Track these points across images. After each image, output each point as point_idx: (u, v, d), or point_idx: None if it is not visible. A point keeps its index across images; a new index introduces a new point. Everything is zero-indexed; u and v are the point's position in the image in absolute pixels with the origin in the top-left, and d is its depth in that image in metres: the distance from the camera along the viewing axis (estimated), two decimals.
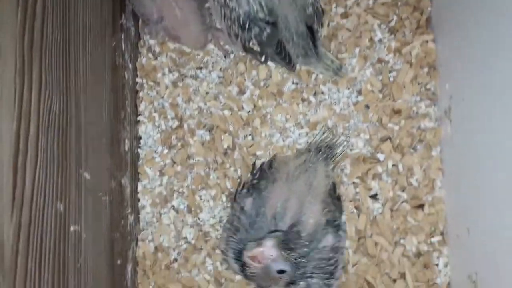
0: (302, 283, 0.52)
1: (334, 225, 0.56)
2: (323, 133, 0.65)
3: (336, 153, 0.62)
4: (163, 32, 0.67)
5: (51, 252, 0.42)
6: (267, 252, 0.48)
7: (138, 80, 0.69)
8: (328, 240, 0.54)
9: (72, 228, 0.46)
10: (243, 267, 0.52)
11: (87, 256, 0.50)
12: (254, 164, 0.65)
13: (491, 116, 0.51)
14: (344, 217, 0.60)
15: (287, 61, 0.59)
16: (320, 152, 0.61)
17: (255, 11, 0.54)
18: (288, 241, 0.49)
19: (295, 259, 0.49)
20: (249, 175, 0.62)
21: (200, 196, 0.68)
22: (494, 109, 0.51)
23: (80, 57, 0.49)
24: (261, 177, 0.59)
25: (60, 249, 0.44)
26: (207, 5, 0.65)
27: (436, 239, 0.63)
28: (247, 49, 0.59)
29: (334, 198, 0.59)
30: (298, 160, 0.61)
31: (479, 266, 0.54)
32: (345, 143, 0.64)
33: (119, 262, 0.60)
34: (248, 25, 0.55)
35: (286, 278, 0.51)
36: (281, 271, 0.50)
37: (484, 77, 0.53)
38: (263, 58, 0.60)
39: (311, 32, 0.59)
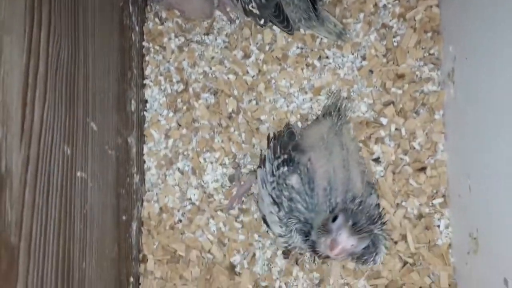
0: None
1: (370, 184, 0.56)
2: (333, 97, 0.64)
3: (346, 114, 0.62)
4: (168, 6, 0.68)
5: (58, 192, 0.43)
6: (347, 245, 0.46)
7: (144, 44, 0.70)
8: (373, 198, 0.54)
9: (78, 174, 0.47)
10: (313, 246, 0.50)
11: (93, 204, 0.51)
12: (268, 137, 0.62)
13: (494, 75, 0.52)
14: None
15: (285, 24, 0.59)
16: (339, 115, 0.61)
17: None
18: (356, 221, 0.46)
19: (368, 232, 0.47)
20: (267, 150, 0.59)
21: (205, 159, 0.69)
22: (497, 68, 0.51)
23: (88, 9, 0.50)
24: (290, 150, 0.56)
25: (67, 191, 0.45)
26: None
27: (437, 201, 0.63)
28: (247, 13, 0.60)
29: (362, 158, 0.59)
30: (326, 125, 0.59)
31: (480, 223, 0.55)
32: (349, 100, 0.65)
33: (124, 218, 0.61)
34: None
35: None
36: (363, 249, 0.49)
37: (487, 37, 0.53)
38: (262, 21, 0.60)
39: None
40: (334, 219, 0.47)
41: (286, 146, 0.57)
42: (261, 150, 0.64)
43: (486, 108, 0.53)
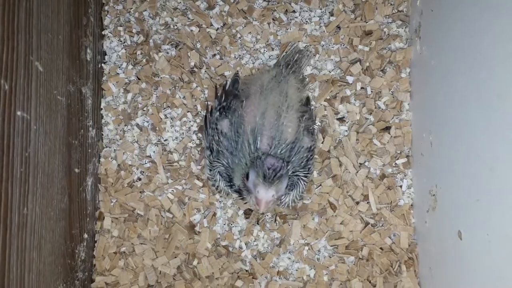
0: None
1: (309, 130, 0.57)
2: (291, 50, 0.63)
3: (301, 66, 0.62)
4: None
5: None
6: (268, 198, 0.49)
7: None
8: (305, 141, 0.56)
9: (19, 113, 0.44)
10: (238, 192, 0.54)
11: (37, 149, 0.48)
12: (216, 88, 0.64)
13: (458, 27, 0.50)
14: (316, 124, 0.62)
15: None
16: (289, 66, 0.60)
17: None
18: (264, 171, 0.49)
19: (280, 177, 0.49)
20: (215, 100, 0.60)
21: (165, 115, 0.66)
22: (460, 20, 0.50)
23: None
24: (229, 97, 0.58)
25: (4, 130, 0.42)
26: None
27: (401, 161, 0.63)
28: None
29: (308, 108, 0.59)
30: (270, 74, 0.60)
31: (439, 179, 0.54)
32: (309, 54, 0.63)
33: (77, 170, 0.58)
34: None
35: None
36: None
37: None
38: None
39: None
40: (247, 176, 0.50)
41: (229, 94, 0.58)
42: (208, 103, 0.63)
43: (450, 61, 0.52)
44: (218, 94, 0.61)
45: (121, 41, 0.67)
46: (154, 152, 0.65)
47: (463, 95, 0.49)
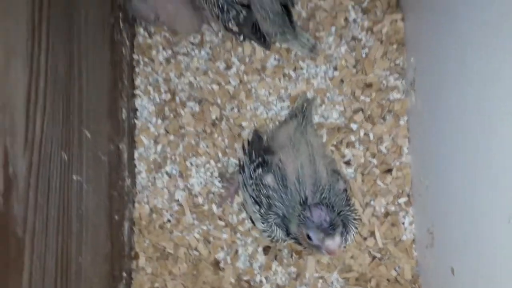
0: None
1: (337, 172, 0.62)
2: (299, 101, 0.71)
3: (312, 114, 0.69)
4: (162, 27, 0.74)
5: (56, 193, 0.49)
6: (339, 243, 0.52)
7: (134, 56, 0.76)
8: (340, 184, 0.60)
9: (74, 177, 0.53)
10: (295, 238, 0.57)
11: (88, 205, 0.56)
12: (243, 145, 0.69)
13: (449, 85, 0.58)
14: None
15: (262, 41, 0.66)
16: (304, 116, 0.67)
17: None
18: (327, 218, 0.52)
19: (339, 224, 0.53)
20: (244, 157, 0.65)
21: (191, 163, 0.74)
22: (451, 79, 0.57)
23: (81, 28, 0.56)
24: (261, 153, 0.62)
25: (64, 193, 0.51)
26: None
27: (402, 200, 0.70)
28: (227, 29, 0.66)
29: (327, 151, 0.66)
30: (292, 126, 0.66)
31: (435, 219, 0.61)
32: (316, 102, 0.72)
33: (116, 218, 0.66)
34: (226, 8, 0.62)
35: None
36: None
37: (442, 51, 0.60)
38: (241, 37, 0.68)
39: (287, 10, 0.65)
40: (309, 237, 0.52)
41: (259, 150, 0.63)
42: (239, 159, 0.70)
43: (442, 115, 0.60)
44: (247, 151, 0.65)
45: (150, 99, 0.76)
46: (181, 196, 0.73)
47: (453, 145, 0.56)
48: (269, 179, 0.60)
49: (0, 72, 0.40)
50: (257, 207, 0.60)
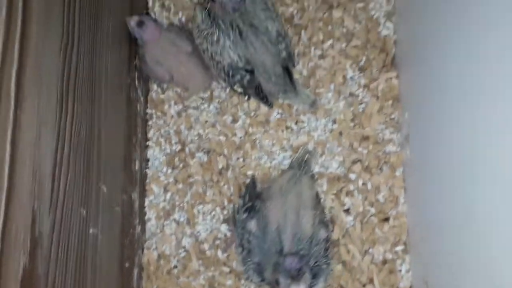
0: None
1: (324, 222, 0.67)
2: (301, 152, 0.76)
3: (310, 167, 0.74)
4: (175, 85, 0.80)
5: (75, 247, 0.53)
6: None
7: (148, 111, 0.82)
8: (322, 233, 0.65)
9: (91, 231, 0.57)
10: (270, 285, 0.62)
11: (102, 255, 0.60)
12: (240, 187, 0.76)
13: (442, 140, 0.62)
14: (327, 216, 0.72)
15: (265, 101, 0.73)
16: (301, 168, 0.72)
17: (236, 61, 0.68)
18: (298, 267, 0.58)
19: (304, 271, 0.59)
20: (239, 200, 0.72)
21: (198, 210, 0.78)
22: (443, 134, 0.62)
23: (102, 92, 0.62)
24: (253, 199, 0.68)
25: (82, 245, 0.55)
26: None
27: (399, 248, 0.73)
28: (233, 90, 0.73)
29: (319, 202, 0.70)
30: (286, 176, 0.71)
31: (429, 269, 0.64)
32: (316, 154, 0.76)
33: (127, 265, 0.70)
34: (232, 73, 0.69)
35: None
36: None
37: (434, 107, 0.64)
38: (246, 97, 0.74)
39: (288, 72, 0.71)
40: (277, 282, 0.58)
41: (251, 195, 0.68)
42: (233, 204, 0.75)
43: (435, 169, 0.64)
44: (242, 194, 0.72)
45: (162, 149, 0.81)
46: (188, 243, 0.77)
47: (445, 199, 0.60)
48: (252, 225, 0.65)
49: (33, 142, 0.45)
50: (240, 249, 0.65)
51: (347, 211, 0.76)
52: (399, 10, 0.77)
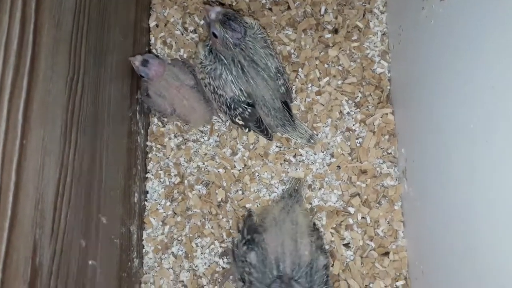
0: None
1: (321, 249, 0.68)
2: (291, 182, 0.77)
3: (302, 195, 0.75)
4: (176, 118, 0.82)
5: (74, 278, 0.52)
6: None
7: (148, 143, 0.83)
8: (321, 260, 0.65)
9: (90, 262, 0.57)
10: None
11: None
12: (238, 220, 0.76)
13: (438, 176, 0.63)
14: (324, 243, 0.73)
15: (265, 133, 0.75)
16: (292, 197, 0.73)
17: (238, 95, 0.70)
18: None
19: None
20: (238, 234, 0.72)
21: (196, 244, 0.78)
22: (439, 169, 0.63)
23: (104, 124, 0.63)
24: (251, 232, 0.69)
25: (81, 277, 0.54)
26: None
27: (400, 283, 0.72)
28: (234, 122, 0.75)
29: (315, 230, 0.71)
30: (279, 206, 0.72)
31: None
32: (305, 183, 0.78)
33: None
34: (234, 106, 0.71)
35: None
36: None
37: (429, 143, 0.66)
38: (246, 130, 0.76)
39: (287, 106, 0.73)
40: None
41: (249, 228, 0.69)
42: (232, 238, 0.75)
43: (432, 203, 0.65)
44: (240, 228, 0.72)
45: (161, 182, 0.81)
46: (186, 277, 0.76)
47: (444, 232, 0.60)
48: (252, 257, 0.65)
49: (37, 171, 0.46)
50: (241, 283, 0.65)
51: (347, 245, 0.75)
52: (393, 49, 0.81)
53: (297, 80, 0.82)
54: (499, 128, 0.46)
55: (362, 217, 0.76)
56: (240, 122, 0.73)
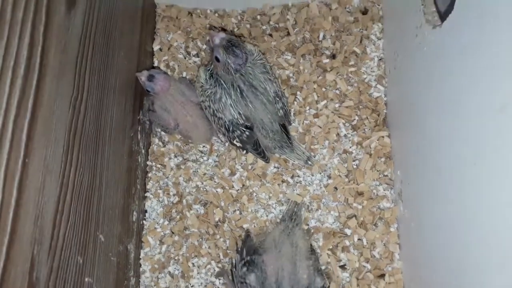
0: None
1: (318, 270, 0.69)
2: (291, 205, 0.78)
3: (301, 218, 0.76)
4: (179, 134, 0.84)
5: None
6: None
7: (148, 163, 0.84)
8: (318, 281, 0.67)
9: (86, 279, 0.57)
10: None
11: None
12: (236, 241, 0.77)
13: (433, 198, 0.64)
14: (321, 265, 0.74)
15: (262, 155, 0.77)
16: (292, 220, 0.74)
17: (236, 118, 0.72)
18: None
19: None
20: (236, 255, 0.73)
21: (193, 263, 0.78)
22: (434, 192, 0.64)
23: (106, 144, 0.65)
24: (250, 252, 0.70)
25: None
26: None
27: None
28: (232, 144, 0.77)
29: (313, 252, 0.71)
30: (279, 228, 0.73)
31: None
32: (304, 206, 0.79)
33: None
34: (232, 129, 0.73)
35: None
36: None
37: (424, 166, 0.67)
38: (244, 152, 0.77)
39: (285, 129, 0.75)
40: None
41: (248, 249, 0.70)
42: (230, 258, 0.76)
43: (427, 226, 0.65)
44: (239, 249, 0.73)
45: (159, 201, 0.82)
46: None
47: (440, 257, 0.61)
48: (252, 279, 0.66)
49: (38, 189, 0.47)
50: None
51: (343, 267, 0.76)
52: (389, 74, 0.83)
53: (295, 103, 0.84)
54: (486, 152, 0.47)
55: (359, 239, 0.77)
56: (238, 144, 0.75)
